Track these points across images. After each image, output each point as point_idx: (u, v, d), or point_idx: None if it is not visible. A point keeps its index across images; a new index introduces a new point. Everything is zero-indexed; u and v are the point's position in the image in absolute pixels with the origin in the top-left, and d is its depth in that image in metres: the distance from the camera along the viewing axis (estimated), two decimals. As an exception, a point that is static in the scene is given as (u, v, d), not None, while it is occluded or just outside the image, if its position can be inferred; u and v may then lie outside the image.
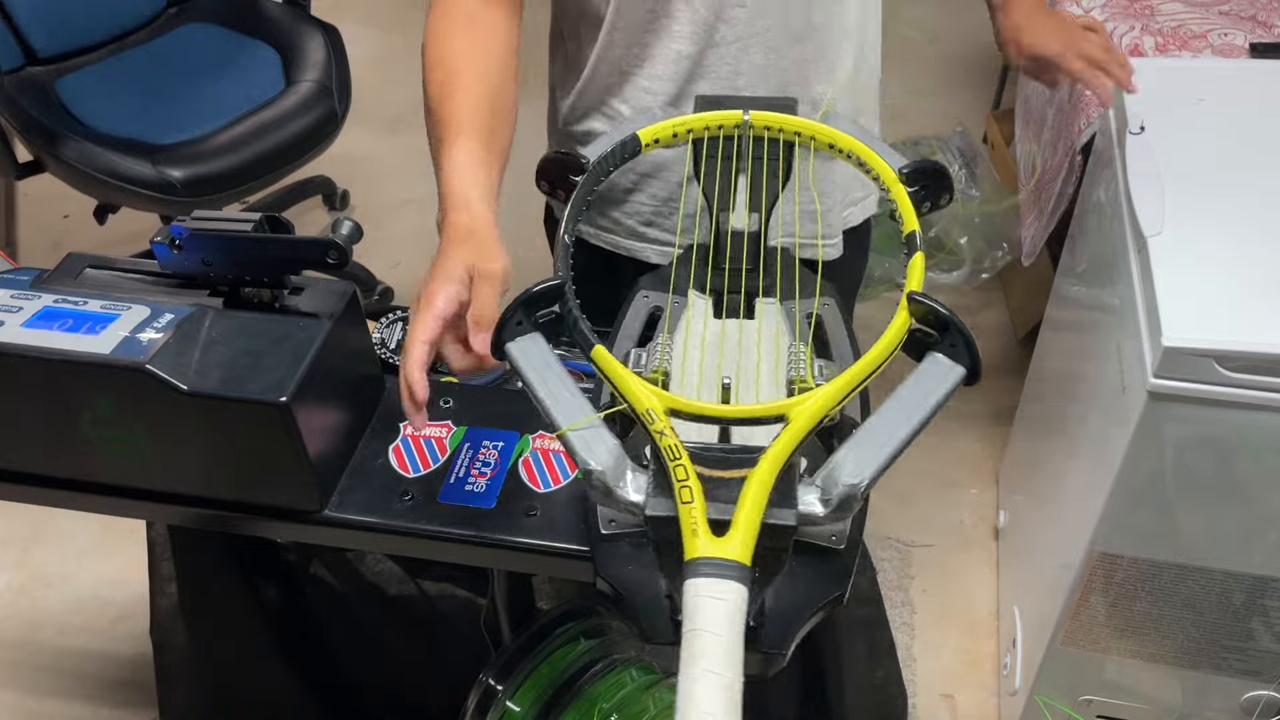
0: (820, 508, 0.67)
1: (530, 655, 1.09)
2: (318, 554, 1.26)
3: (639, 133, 0.90)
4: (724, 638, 0.59)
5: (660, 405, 0.69)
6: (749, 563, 0.62)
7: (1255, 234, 1.16)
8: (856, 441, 0.68)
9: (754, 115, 0.90)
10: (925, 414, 0.68)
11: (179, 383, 0.86)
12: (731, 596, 0.61)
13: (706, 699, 0.57)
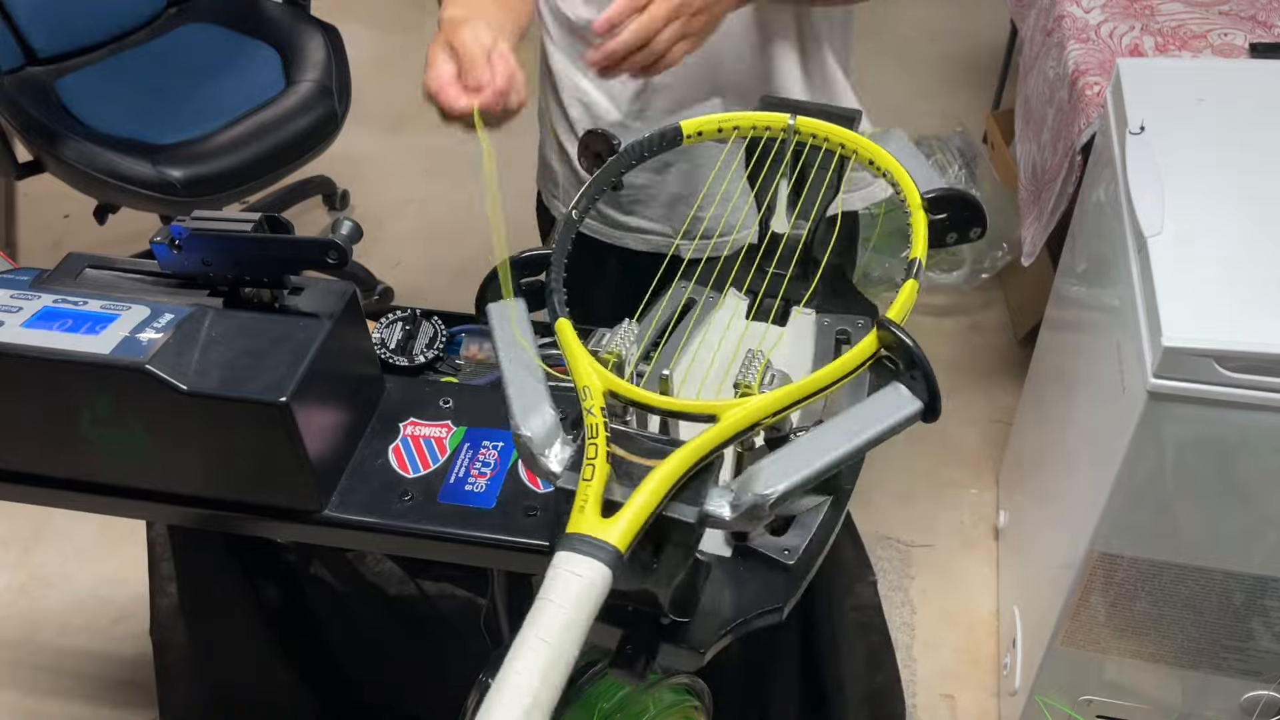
0: (729, 512, 0.66)
1: (530, 655, 1.08)
2: (318, 554, 1.26)
3: (682, 124, 0.90)
4: (567, 611, 0.60)
5: (600, 385, 0.70)
6: (623, 548, 0.61)
7: (1255, 234, 1.16)
8: (783, 454, 0.68)
9: (800, 121, 0.89)
10: (863, 441, 0.67)
11: (179, 383, 0.86)
12: (589, 575, 0.61)
13: (525, 663, 0.58)
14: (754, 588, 0.77)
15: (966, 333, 2.32)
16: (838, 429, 0.68)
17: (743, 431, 0.67)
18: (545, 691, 0.58)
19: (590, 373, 0.71)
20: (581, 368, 0.71)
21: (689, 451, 0.65)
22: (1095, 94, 1.66)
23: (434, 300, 1.18)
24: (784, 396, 0.68)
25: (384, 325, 1.12)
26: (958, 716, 1.71)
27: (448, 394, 1.03)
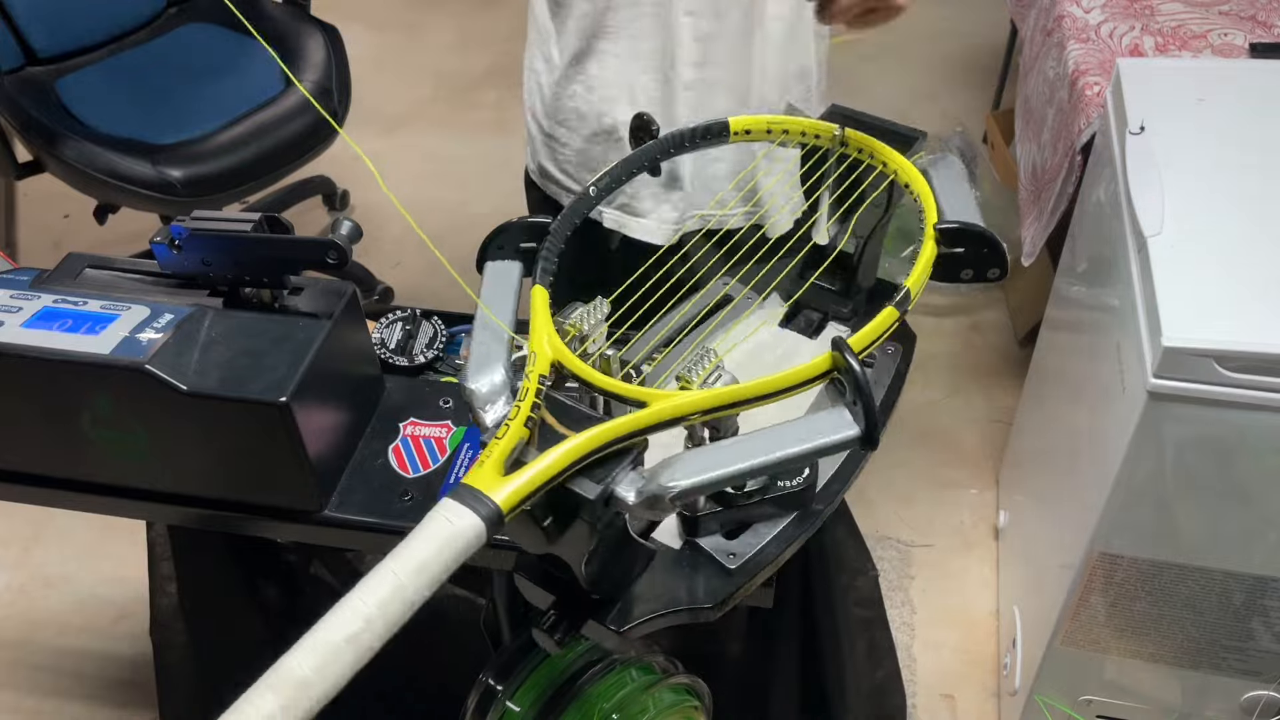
0: (633, 497, 0.67)
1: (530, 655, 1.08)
2: (318, 554, 1.26)
3: (730, 120, 0.90)
4: (425, 552, 0.61)
5: (548, 355, 0.72)
6: (506, 508, 0.62)
7: (1255, 234, 1.16)
8: (700, 452, 0.69)
9: (849, 133, 0.88)
10: (785, 455, 0.67)
11: (179, 383, 0.86)
12: (460, 524, 0.62)
13: (370, 590, 0.59)
14: (692, 584, 0.78)
15: (966, 333, 2.32)
16: (766, 439, 0.68)
17: (667, 422, 0.68)
18: (380, 621, 0.59)
19: (543, 341, 0.73)
20: (537, 335, 0.73)
21: (603, 430, 0.66)
22: (1095, 94, 1.66)
23: (434, 300, 1.18)
24: (715, 397, 0.69)
25: (384, 325, 1.12)
26: (958, 716, 1.71)
27: (448, 394, 1.03)
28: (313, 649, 0.57)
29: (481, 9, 3.44)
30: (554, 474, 0.65)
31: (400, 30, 3.39)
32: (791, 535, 0.80)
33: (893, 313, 0.72)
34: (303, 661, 0.56)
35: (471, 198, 2.68)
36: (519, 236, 0.83)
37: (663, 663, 1.11)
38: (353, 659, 0.58)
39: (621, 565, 0.77)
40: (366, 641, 0.58)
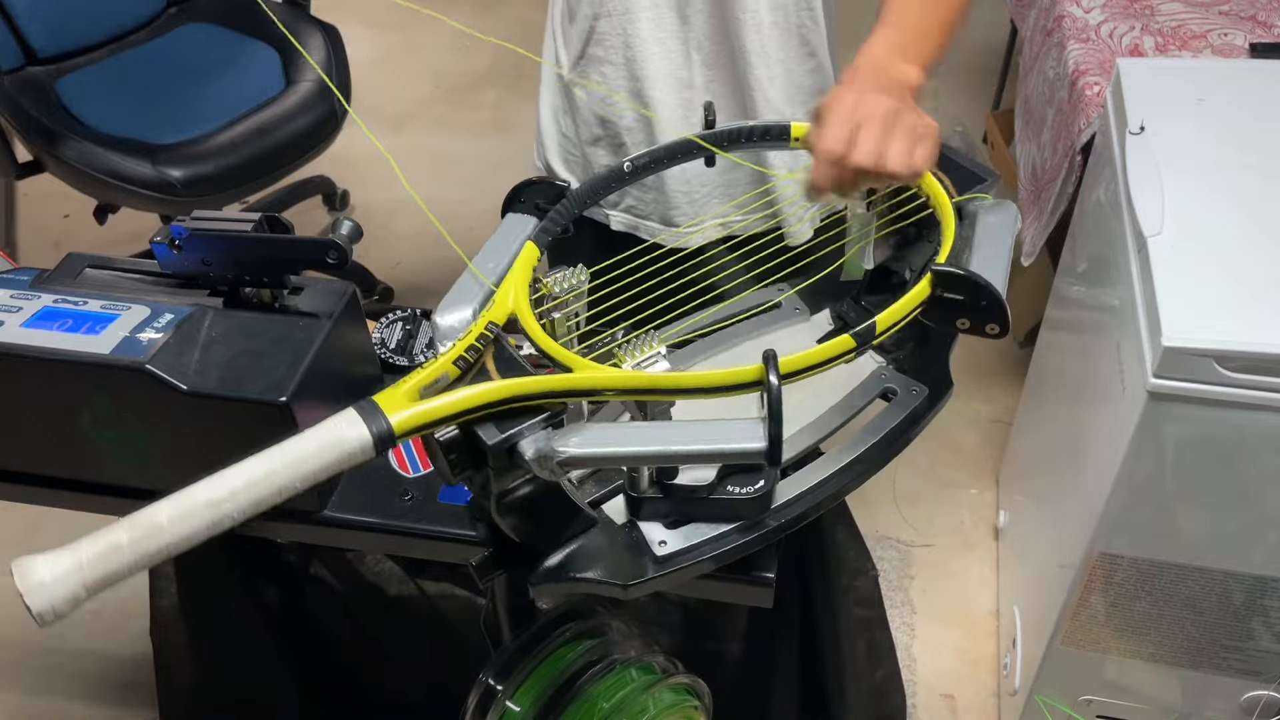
0: (530, 452, 0.69)
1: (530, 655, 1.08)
2: (318, 554, 1.26)
3: (793, 124, 0.90)
4: (306, 447, 0.65)
5: (508, 306, 0.76)
6: (397, 430, 0.66)
7: (1255, 234, 1.16)
8: (606, 428, 0.71)
9: None
10: (685, 450, 0.69)
11: (179, 383, 0.86)
12: (347, 431, 0.65)
13: (245, 466, 0.65)
14: (617, 561, 0.79)
15: (966, 333, 2.32)
16: (672, 431, 0.70)
17: (583, 392, 0.70)
18: (244, 496, 0.63)
19: (509, 292, 0.77)
20: (506, 285, 0.77)
21: (514, 384, 0.69)
22: (1095, 94, 1.66)
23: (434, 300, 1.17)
24: (633, 379, 0.70)
25: (384, 325, 1.12)
26: (958, 716, 1.71)
27: (448, 394, 1.03)
28: (175, 502, 0.62)
29: (481, 9, 3.44)
30: (454, 412, 0.68)
31: (400, 30, 3.39)
32: (730, 541, 0.80)
33: (848, 342, 0.71)
34: (163, 509, 0.61)
35: (472, 197, 2.68)
36: (541, 194, 0.86)
37: (663, 663, 1.11)
38: (208, 521, 0.62)
39: (549, 523, 0.79)
40: (226, 510, 0.62)
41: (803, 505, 0.81)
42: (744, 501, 0.78)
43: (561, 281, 0.83)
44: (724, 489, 0.78)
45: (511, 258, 0.82)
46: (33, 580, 0.59)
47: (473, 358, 0.73)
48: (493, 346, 0.74)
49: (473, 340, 0.72)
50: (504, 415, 0.69)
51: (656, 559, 0.79)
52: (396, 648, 1.34)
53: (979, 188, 0.87)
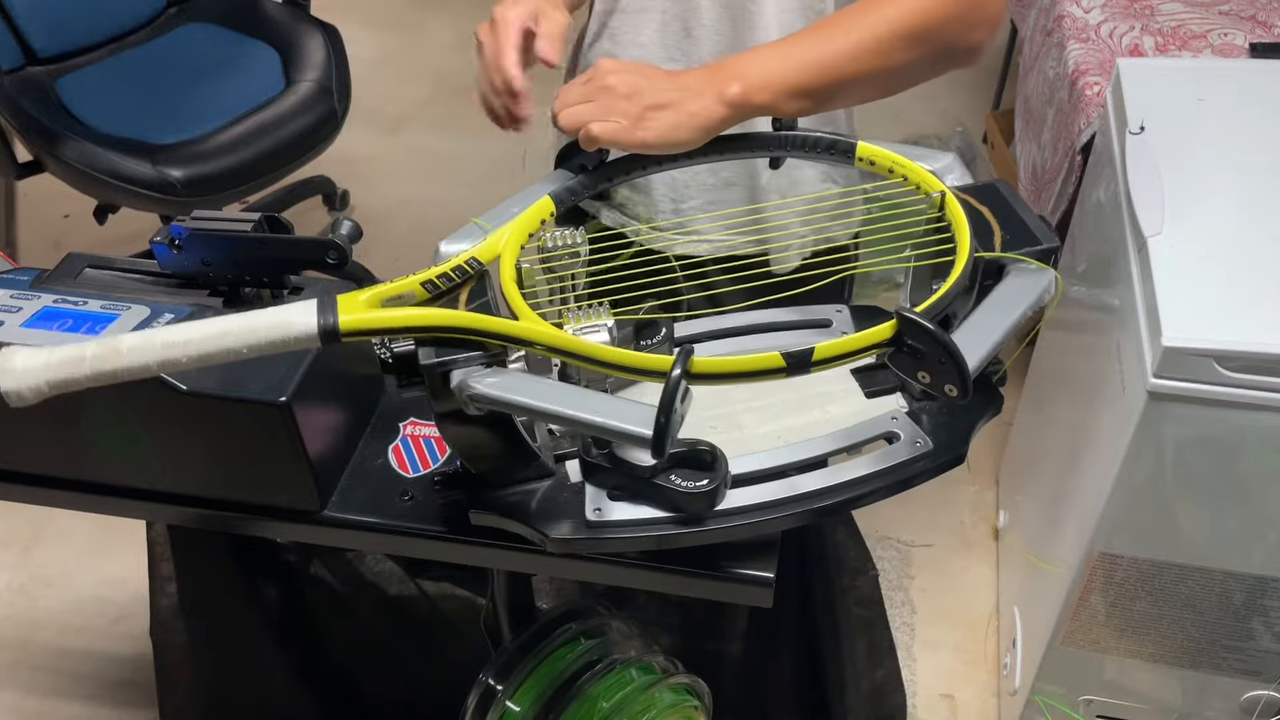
0: (455, 379, 0.73)
1: (530, 655, 1.08)
2: (318, 554, 1.25)
3: (860, 143, 0.90)
4: (259, 321, 0.72)
5: (495, 248, 0.81)
6: (343, 329, 0.73)
7: (1255, 234, 1.16)
8: (521, 376, 0.75)
9: (948, 200, 0.84)
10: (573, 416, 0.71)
11: (179, 383, 0.86)
12: (299, 318, 0.72)
13: (205, 324, 0.72)
14: (553, 515, 0.82)
15: (966, 333, 2.32)
16: (572, 395, 0.73)
17: (515, 340, 0.74)
18: (195, 347, 0.72)
19: (503, 233, 0.82)
20: (506, 228, 0.82)
21: (452, 315, 0.74)
22: (1095, 94, 1.66)
23: (434, 300, 1.17)
24: (559, 338, 0.73)
25: (384, 325, 1.12)
26: (958, 716, 1.71)
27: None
28: (140, 336, 0.72)
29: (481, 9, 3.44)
30: (395, 325, 0.75)
31: (400, 30, 3.39)
32: (661, 529, 0.79)
33: (777, 360, 0.70)
34: (127, 340, 0.73)
35: (472, 197, 2.68)
36: (590, 158, 0.91)
37: (663, 663, 1.11)
38: (160, 360, 0.72)
39: (501, 461, 0.82)
40: (177, 355, 0.72)
41: (748, 518, 0.79)
42: (683, 494, 0.78)
43: (557, 238, 0.85)
44: (667, 477, 0.78)
45: (520, 211, 0.86)
46: (6, 366, 0.72)
47: (444, 285, 0.78)
48: (473, 283, 0.79)
49: (446, 269, 0.78)
50: (449, 344, 0.74)
51: (586, 524, 0.80)
52: (396, 648, 1.34)
53: (1031, 251, 0.80)
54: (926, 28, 0.90)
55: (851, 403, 0.91)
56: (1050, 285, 0.79)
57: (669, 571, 0.88)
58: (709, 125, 0.87)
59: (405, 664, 1.36)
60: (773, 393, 0.93)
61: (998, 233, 0.82)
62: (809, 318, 0.99)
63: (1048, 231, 0.82)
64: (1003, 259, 0.80)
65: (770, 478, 0.81)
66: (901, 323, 0.70)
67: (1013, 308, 0.76)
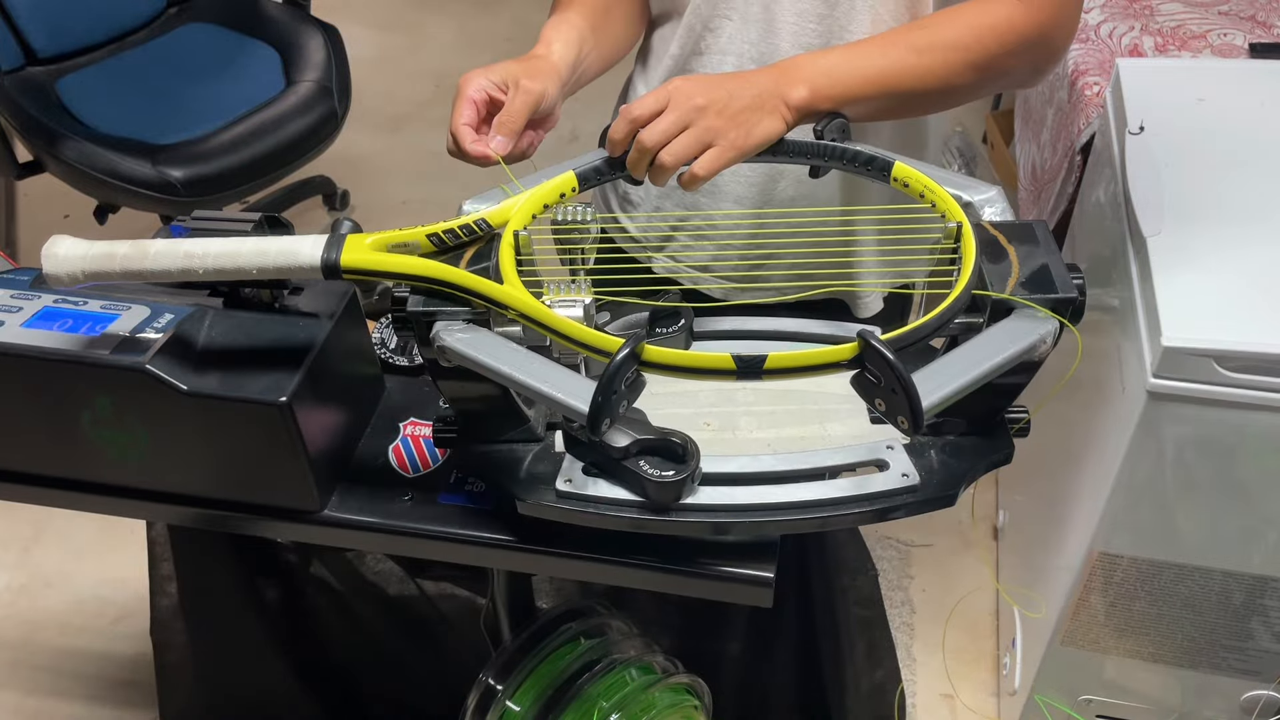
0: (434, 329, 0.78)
1: (530, 655, 1.08)
2: (318, 554, 1.26)
3: (896, 162, 0.88)
4: (269, 246, 0.79)
5: (508, 214, 0.84)
6: (344, 266, 0.79)
7: (1255, 234, 1.16)
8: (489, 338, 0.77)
9: (964, 231, 0.82)
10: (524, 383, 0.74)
11: (179, 383, 0.86)
12: (306, 250, 0.79)
13: (221, 241, 0.80)
14: (528, 479, 0.84)
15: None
16: (528, 363, 0.75)
17: (491, 300, 0.77)
18: (210, 259, 0.80)
19: (520, 199, 0.84)
20: (520, 198, 0.85)
21: (444, 269, 0.78)
22: (1095, 94, 1.66)
23: (434, 300, 1.17)
24: (533, 308, 0.75)
25: (384, 325, 1.12)
26: (958, 716, 1.71)
27: (448, 394, 1.03)
28: (166, 243, 0.81)
29: (481, 9, 3.44)
30: (390, 270, 0.78)
31: (400, 30, 3.39)
32: (622, 511, 0.80)
33: (727, 361, 0.70)
34: (155, 245, 0.81)
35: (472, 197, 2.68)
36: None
37: (663, 663, 1.11)
38: (181, 267, 0.80)
39: (488, 418, 0.85)
40: (196, 264, 0.80)
41: (712, 517, 0.79)
42: (650, 482, 0.78)
43: (567, 213, 0.85)
44: (636, 462, 0.79)
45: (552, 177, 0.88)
46: (51, 251, 0.81)
47: (450, 240, 0.81)
48: (480, 244, 0.82)
49: (454, 226, 0.81)
50: (439, 296, 0.78)
51: (555, 492, 0.82)
52: (396, 648, 1.34)
53: (1042, 298, 0.78)
54: (1000, 54, 0.90)
55: (852, 424, 0.91)
56: (1049, 335, 0.77)
57: (669, 571, 0.88)
58: (783, 125, 0.88)
59: (405, 664, 1.36)
60: (776, 401, 0.92)
61: (1015, 274, 0.79)
62: (837, 334, 0.97)
63: (1069, 282, 0.79)
64: (1010, 301, 0.77)
65: (746, 482, 0.81)
66: (863, 347, 0.69)
67: (993, 353, 0.74)
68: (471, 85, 0.91)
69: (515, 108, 0.90)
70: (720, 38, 1.04)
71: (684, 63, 1.08)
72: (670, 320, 0.92)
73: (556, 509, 0.82)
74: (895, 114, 0.97)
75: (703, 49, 1.05)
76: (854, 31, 0.99)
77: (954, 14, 0.91)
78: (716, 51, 1.05)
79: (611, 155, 0.89)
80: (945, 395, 0.71)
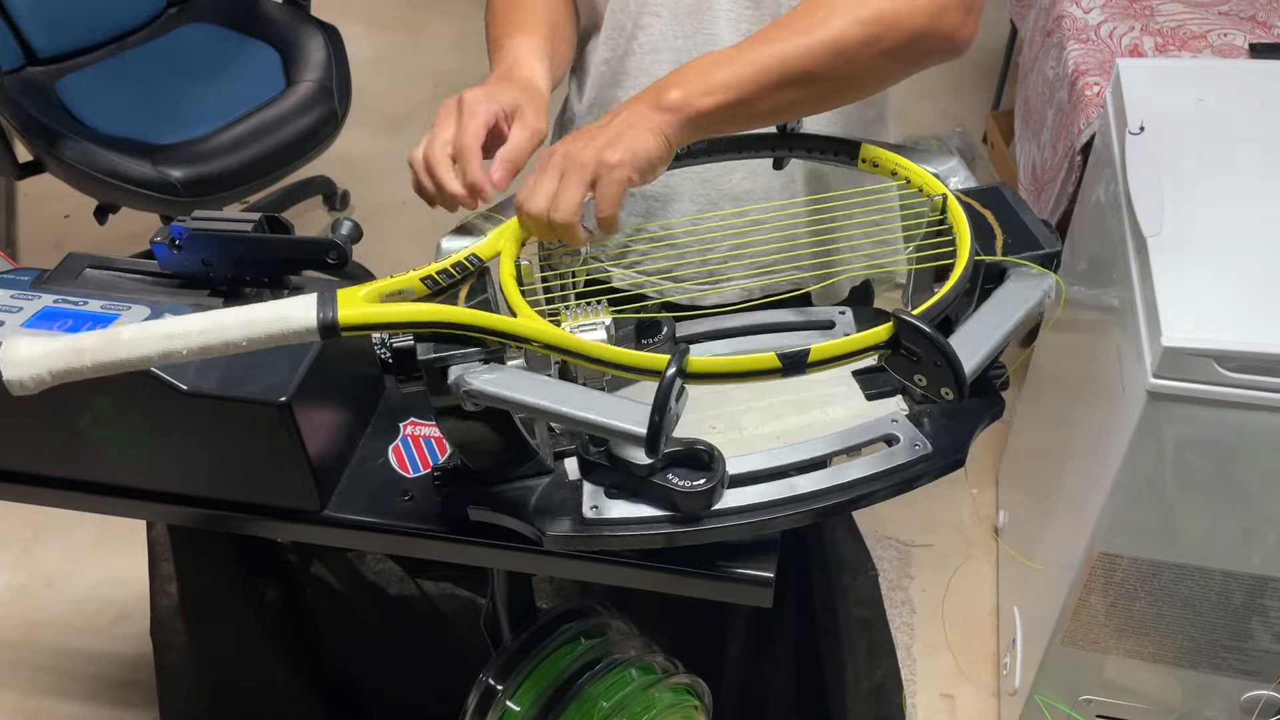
0: (453, 375, 0.74)
1: (530, 655, 1.08)
2: (318, 554, 1.26)
3: (863, 144, 0.89)
4: (258, 316, 0.72)
5: (495, 247, 0.81)
6: (342, 324, 0.73)
7: (1255, 234, 1.16)
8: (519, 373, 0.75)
9: (949, 204, 0.84)
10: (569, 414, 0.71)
11: (179, 383, 0.86)
12: (298, 312, 0.72)
13: (203, 317, 0.72)
14: (550, 512, 0.83)
15: (966, 333, 2.32)
16: (570, 393, 0.72)
17: (513, 337, 0.73)
18: (195, 339, 0.72)
19: (505, 230, 0.81)
20: (505, 227, 0.82)
21: (451, 311, 0.74)
22: (1095, 94, 1.66)
23: (434, 300, 1.17)
24: (553, 335, 0.73)
25: (384, 325, 1.12)
26: (958, 716, 1.71)
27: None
28: (139, 328, 0.73)
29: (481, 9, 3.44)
30: (394, 320, 0.74)
31: (400, 30, 3.39)
32: (657, 528, 0.79)
33: (772, 361, 0.70)
34: (127, 330, 0.73)
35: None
36: None
37: (663, 663, 1.11)
38: (160, 351, 0.72)
39: (499, 458, 0.82)
40: (177, 346, 0.72)
41: (745, 519, 0.79)
42: (679, 494, 0.78)
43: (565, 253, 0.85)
44: (664, 476, 0.78)
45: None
46: (10, 355, 0.72)
47: (444, 281, 0.78)
48: (473, 280, 0.79)
49: (447, 265, 0.78)
50: (448, 340, 0.74)
51: (581, 520, 0.80)
52: (396, 648, 1.34)
53: (1032, 255, 0.81)
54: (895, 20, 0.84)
55: (852, 405, 0.91)
56: (1050, 289, 0.79)
57: (669, 571, 0.88)
58: (665, 132, 0.80)
59: (405, 664, 1.36)
60: (773, 393, 0.93)
61: (999, 236, 0.82)
62: (812, 319, 0.99)
63: (1050, 235, 0.83)
64: (1004, 263, 0.80)
65: (769, 478, 0.81)
66: (899, 325, 0.70)
67: (1011, 312, 0.77)
68: (482, 108, 0.84)
69: (522, 145, 0.85)
70: (652, 35, 1.02)
71: (616, 66, 1.04)
72: (653, 331, 0.91)
73: (587, 538, 0.80)
74: (804, 105, 0.89)
75: (634, 49, 1.03)
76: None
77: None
78: (649, 50, 1.02)
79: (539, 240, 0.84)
80: (981, 360, 0.72)
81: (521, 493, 0.84)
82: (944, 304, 0.75)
